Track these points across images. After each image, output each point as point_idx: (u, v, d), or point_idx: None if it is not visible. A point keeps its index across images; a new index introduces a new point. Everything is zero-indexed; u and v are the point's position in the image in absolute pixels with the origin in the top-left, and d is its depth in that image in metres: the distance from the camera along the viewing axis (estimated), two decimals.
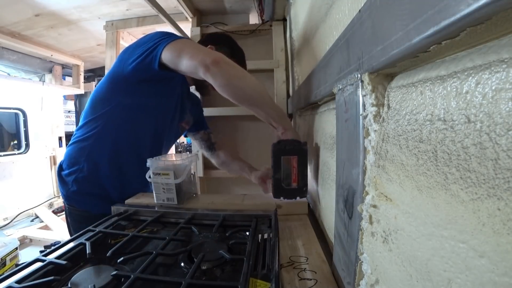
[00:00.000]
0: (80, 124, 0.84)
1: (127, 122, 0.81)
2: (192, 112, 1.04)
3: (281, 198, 0.69)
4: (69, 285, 0.38)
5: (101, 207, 0.74)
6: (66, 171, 0.83)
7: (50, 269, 0.43)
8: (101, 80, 0.84)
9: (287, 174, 0.66)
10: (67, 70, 2.89)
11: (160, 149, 0.93)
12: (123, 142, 0.82)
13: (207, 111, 1.36)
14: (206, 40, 0.98)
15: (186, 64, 0.67)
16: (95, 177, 0.80)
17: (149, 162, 0.72)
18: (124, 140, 0.82)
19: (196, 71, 0.66)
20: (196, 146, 1.18)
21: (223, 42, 0.96)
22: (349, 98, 0.36)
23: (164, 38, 0.71)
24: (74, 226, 0.84)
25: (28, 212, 2.47)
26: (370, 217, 0.32)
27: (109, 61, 1.92)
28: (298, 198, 0.68)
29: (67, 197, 0.83)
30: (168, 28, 1.63)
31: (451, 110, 0.19)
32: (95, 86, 3.23)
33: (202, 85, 0.98)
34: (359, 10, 0.31)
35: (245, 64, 0.99)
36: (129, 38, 2.12)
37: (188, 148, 4.05)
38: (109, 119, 0.79)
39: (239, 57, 0.95)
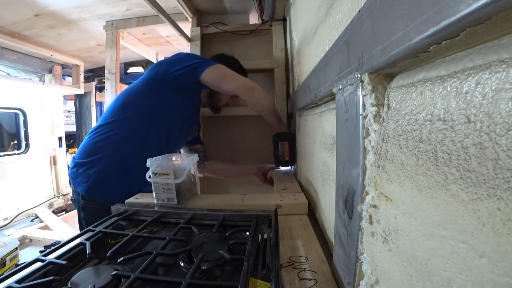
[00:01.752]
0: (106, 120, 0.96)
1: (155, 123, 0.97)
2: (198, 126, 1.25)
3: (280, 166, 1.16)
4: (69, 285, 0.38)
5: (120, 199, 0.79)
6: (89, 164, 0.90)
7: (50, 269, 0.43)
8: (131, 86, 1.01)
9: (282, 152, 1.09)
10: (67, 70, 2.89)
11: (176, 149, 1.13)
12: (150, 139, 0.97)
13: (208, 111, 1.36)
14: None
15: (229, 85, 0.96)
16: (122, 166, 0.92)
17: (149, 162, 0.72)
18: (151, 137, 0.97)
19: (236, 91, 0.98)
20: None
21: (232, 67, 1.10)
22: (349, 98, 0.36)
23: (204, 61, 0.97)
24: (89, 219, 0.90)
25: (28, 212, 2.47)
26: (370, 217, 0.32)
27: (109, 61, 1.92)
28: (290, 166, 1.17)
29: (87, 189, 0.89)
30: (168, 28, 1.63)
31: (451, 110, 0.19)
32: (95, 86, 3.25)
33: (216, 106, 1.22)
34: (359, 10, 0.31)
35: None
36: (129, 38, 2.12)
37: None
38: (140, 119, 0.95)
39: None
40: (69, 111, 3.56)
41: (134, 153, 0.93)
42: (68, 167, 2.96)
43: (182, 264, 0.45)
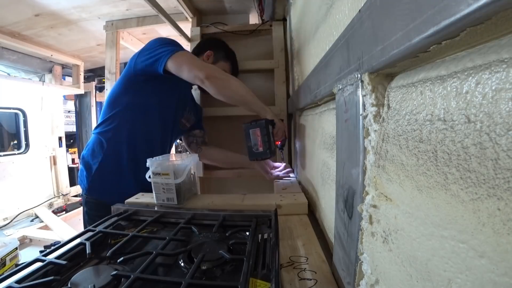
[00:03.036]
0: (100, 120, 0.97)
1: (138, 118, 0.95)
2: (193, 111, 1.18)
3: (255, 159, 0.92)
4: (69, 285, 0.38)
5: (117, 196, 0.80)
6: (88, 163, 0.95)
7: (50, 269, 0.43)
8: (116, 82, 0.99)
9: (255, 142, 0.90)
10: (67, 70, 2.89)
11: (167, 143, 1.08)
12: (138, 135, 0.96)
13: (207, 111, 1.36)
14: (204, 45, 1.13)
15: (186, 75, 0.87)
16: (116, 165, 0.94)
17: (149, 162, 0.72)
18: (138, 133, 0.96)
19: (194, 81, 0.88)
20: (185, 145, 1.27)
21: (219, 47, 1.14)
22: (349, 98, 0.36)
23: (168, 49, 0.88)
24: (90, 214, 0.95)
25: (28, 212, 2.47)
26: (370, 217, 0.32)
27: (109, 61, 1.92)
28: (265, 158, 0.92)
29: (87, 187, 0.94)
30: (168, 28, 1.63)
31: (451, 110, 0.19)
32: (95, 86, 3.25)
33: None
34: (359, 10, 0.31)
35: (236, 63, 1.19)
36: (129, 38, 2.12)
37: None
38: (123, 116, 0.94)
39: (231, 58, 1.17)
40: (69, 111, 3.56)
41: (124, 151, 0.94)
42: (68, 167, 2.98)
43: (182, 264, 0.45)
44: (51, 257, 0.45)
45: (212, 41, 1.20)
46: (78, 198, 2.83)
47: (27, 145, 2.58)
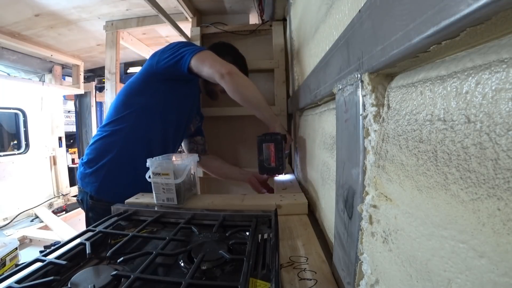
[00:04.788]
0: (110, 119, 0.94)
1: (156, 118, 0.96)
2: (198, 116, 1.23)
3: (265, 174, 0.93)
4: (69, 285, 0.38)
5: (130, 196, 0.81)
6: (97, 163, 0.91)
7: (50, 269, 0.43)
8: (131, 80, 0.99)
9: (267, 157, 0.89)
10: (67, 70, 2.89)
11: (178, 144, 1.10)
12: (154, 136, 0.96)
13: (207, 111, 1.36)
14: (211, 50, 1.11)
15: (206, 71, 0.87)
16: (130, 164, 0.92)
17: (149, 162, 0.72)
18: (155, 134, 0.96)
19: (213, 77, 0.87)
20: (185, 150, 1.30)
21: (227, 52, 1.12)
22: (349, 98, 0.36)
23: (191, 48, 0.90)
24: (97, 219, 0.90)
25: (28, 212, 2.47)
26: (370, 217, 0.32)
27: (109, 61, 1.92)
28: (276, 174, 0.95)
29: (97, 189, 0.90)
30: (168, 28, 1.63)
31: (451, 110, 0.19)
32: (95, 86, 3.25)
33: (212, 91, 1.15)
34: (359, 10, 0.31)
35: (246, 68, 1.18)
36: (129, 38, 2.12)
37: None
38: (140, 116, 0.93)
39: (240, 64, 1.13)
40: (69, 111, 3.56)
41: (140, 150, 0.93)
42: (68, 167, 2.98)
43: (182, 264, 0.45)
44: (51, 257, 0.45)
45: (219, 46, 1.18)
46: None
47: (27, 145, 2.58)
